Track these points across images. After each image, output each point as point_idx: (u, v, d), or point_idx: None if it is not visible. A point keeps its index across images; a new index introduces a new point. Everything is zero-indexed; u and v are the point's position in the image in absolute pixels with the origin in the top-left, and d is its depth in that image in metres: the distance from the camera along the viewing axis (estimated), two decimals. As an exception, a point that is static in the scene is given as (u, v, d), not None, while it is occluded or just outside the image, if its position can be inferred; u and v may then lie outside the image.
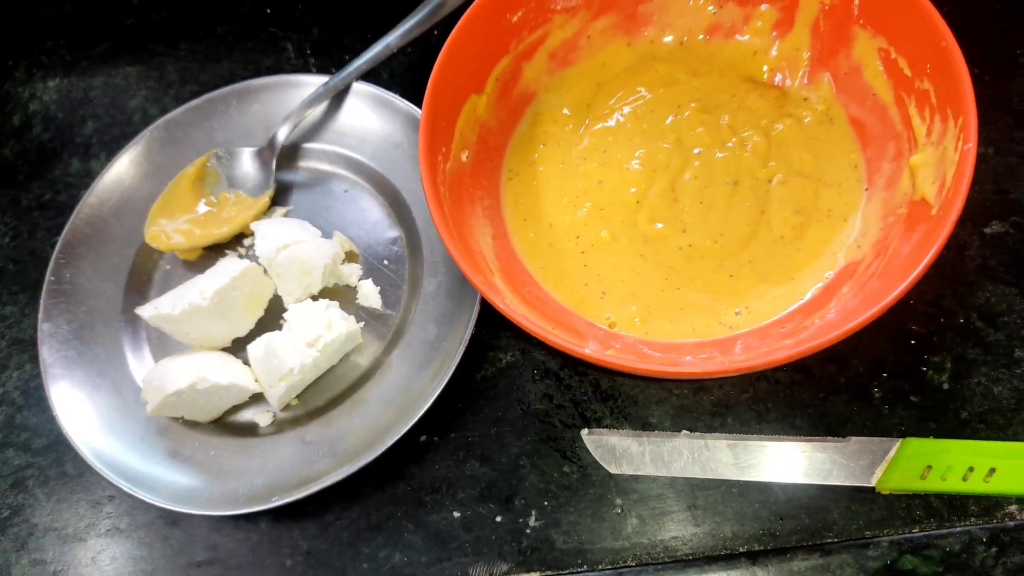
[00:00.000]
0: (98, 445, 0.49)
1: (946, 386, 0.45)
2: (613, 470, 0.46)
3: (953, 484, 0.41)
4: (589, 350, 0.39)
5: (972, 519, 0.42)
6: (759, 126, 0.50)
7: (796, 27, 0.51)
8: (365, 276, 0.53)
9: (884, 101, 0.47)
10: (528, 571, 0.45)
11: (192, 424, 0.50)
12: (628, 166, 0.50)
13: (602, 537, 0.45)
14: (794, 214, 0.48)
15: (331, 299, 0.52)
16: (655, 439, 0.46)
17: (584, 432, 0.47)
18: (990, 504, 0.42)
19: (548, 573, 0.45)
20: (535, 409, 0.49)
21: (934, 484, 0.41)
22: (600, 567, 0.44)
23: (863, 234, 0.46)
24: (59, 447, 0.52)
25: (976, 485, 0.41)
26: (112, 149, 0.61)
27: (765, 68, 0.52)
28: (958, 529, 0.42)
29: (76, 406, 0.51)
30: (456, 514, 0.47)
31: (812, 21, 0.50)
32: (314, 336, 0.47)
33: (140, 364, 0.53)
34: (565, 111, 0.53)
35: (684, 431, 0.46)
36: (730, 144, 0.50)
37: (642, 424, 0.47)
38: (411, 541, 0.47)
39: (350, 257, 0.54)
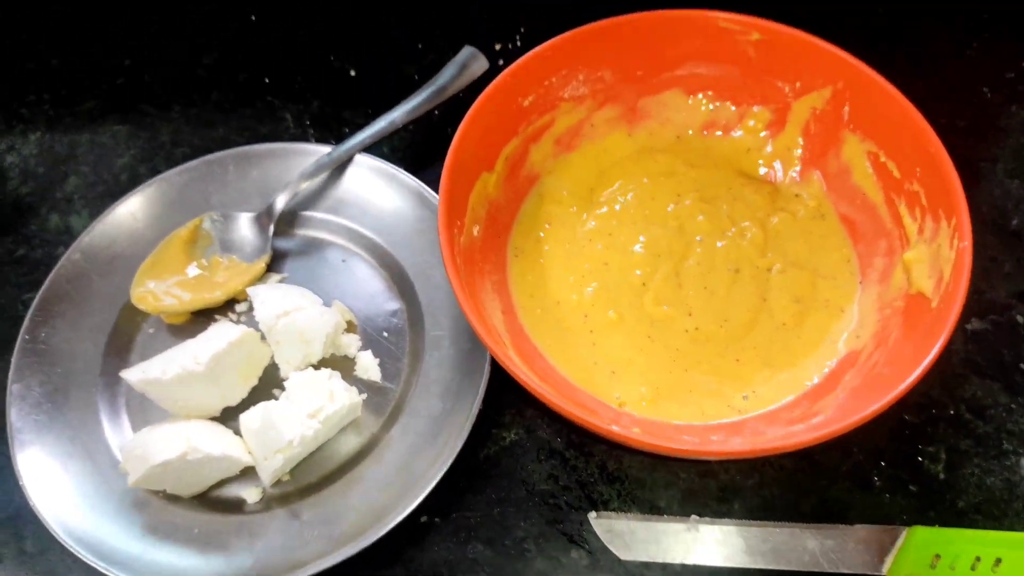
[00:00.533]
0: (69, 519, 0.45)
1: (942, 476, 0.47)
2: (624, 556, 0.45)
3: (962, 574, 0.42)
4: (617, 428, 0.39)
5: (976, 609, 0.43)
6: (756, 218, 0.53)
7: (788, 128, 0.54)
8: (364, 347, 0.52)
9: (873, 201, 0.50)
10: (534, 663, 0.43)
11: (173, 499, 0.47)
12: (633, 249, 0.52)
13: (612, 626, 0.44)
14: (793, 302, 0.49)
15: (329, 368, 0.50)
16: (666, 524, 0.46)
17: (592, 515, 0.46)
18: (992, 594, 0.43)
19: (555, 665, 0.43)
20: (540, 490, 0.48)
21: (943, 574, 0.42)
22: (610, 658, 0.43)
23: (861, 324, 0.48)
24: (18, 521, 0.48)
25: (984, 575, 0.41)
26: (96, 207, 0.59)
27: (760, 162, 0.55)
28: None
29: (45, 475, 0.47)
30: (457, 600, 0.45)
31: (803, 123, 0.54)
32: (315, 407, 0.45)
33: (117, 432, 0.50)
34: (566, 193, 0.54)
35: (693, 516, 0.46)
36: (730, 233, 0.52)
37: (650, 507, 0.47)
38: (408, 630, 0.44)
39: (348, 328, 0.53)
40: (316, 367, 0.50)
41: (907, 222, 0.48)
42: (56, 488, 0.46)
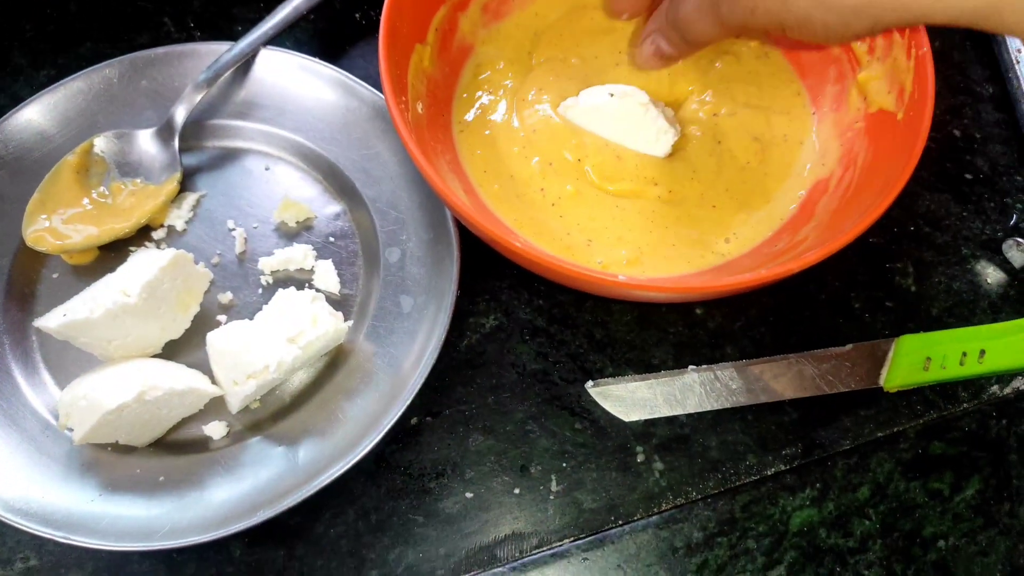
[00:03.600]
0: (5, 494, 0.39)
1: (913, 288, 0.48)
2: (627, 418, 0.44)
3: (953, 370, 0.43)
4: (623, 277, 0.37)
5: (964, 403, 0.45)
6: (698, 67, 0.51)
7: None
8: (321, 256, 0.47)
9: (812, 32, 0.50)
10: (560, 539, 0.41)
11: (127, 450, 0.42)
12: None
13: (631, 488, 0.42)
14: (752, 141, 0.48)
15: (283, 285, 0.45)
16: (663, 379, 0.45)
17: (589, 385, 0.45)
18: (976, 387, 0.45)
19: (582, 536, 0.41)
20: (531, 370, 0.45)
21: (936, 374, 0.43)
22: (636, 518, 0.42)
23: (823, 152, 0.47)
24: (-59, 510, 0.41)
25: (972, 367, 0.43)
26: (-46, 147, 0.50)
27: (694, 11, 0.53)
28: (971, 409, 0.44)
29: (-35, 453, 0.40)
30: (469, 495, 0.42)
31: (731, -36, 0.52)
32: (296, 331, 0.41)
33: (40, 391, 0.43)
34: (503, 62, 0.50)
35: (690, 366, 0.45)
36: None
37: (645, 367, 0.45)
38: (423, 534, 0.41)
39: (304, 225, 0.48)
40: (272, 284, 0.45)
41: (855, 45, 0.47)
42: (-17, 463, 0.40)
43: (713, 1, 0.37)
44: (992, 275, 0.48)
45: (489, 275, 0.48)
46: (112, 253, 0.47)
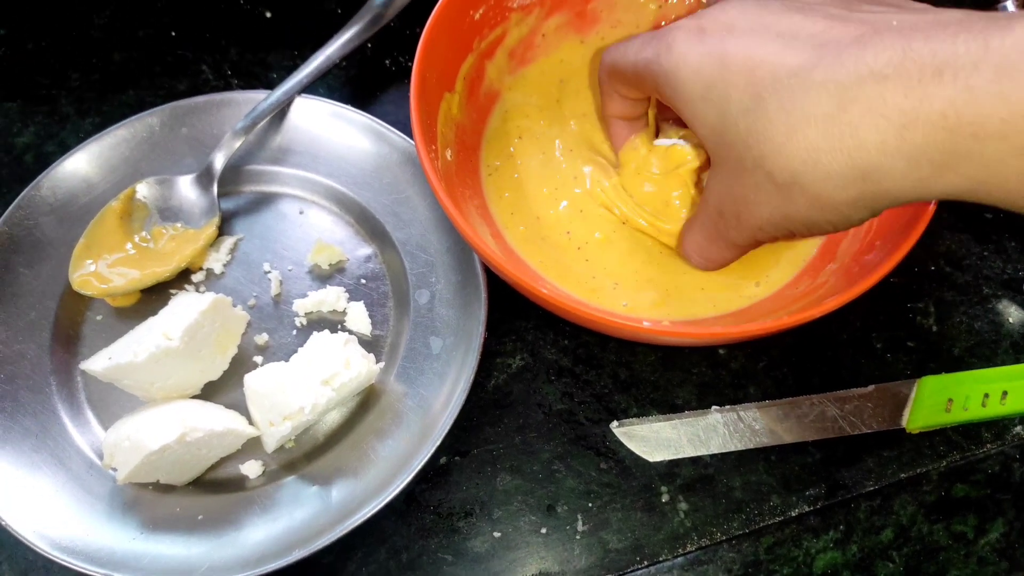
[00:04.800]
0: (52, 533, 0.41)
1: (934, 328, 0.48)
2: (652, 458, 0.45)
3: (975, 412, 0.43)
4: (648, 323, 0.38)
5: (987, 445, 0.45)
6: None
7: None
8: (353, 298, 0.48)
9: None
10: (587, 578, 0.42)
11: (167, 489, 0.43)
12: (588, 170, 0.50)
13: (656, 528, 0.43)
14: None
15: (317, 327, 0.47)
16: (687, 420, 0.45)
17: (614, 425, 0.46)
18: (1000, 428, 0.45)
19: (608, 576, 0.42)
20: (557, 410, 0.46)
21: (958, 415, 0.44)
22: (662, 559, 0.42)
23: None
24: (-9, 546, 0.42)
25: (995, 409, 0.43)
26: (5, 194, 0.52)
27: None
28: (994, 451, 0.44)
29: (13, 491, 0.42)
30: (496, 534, 0.43)
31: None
32: (330, 373, 0.42)
33: (85, 431, 0.45)
34: (531, 108, 0.52)
35: (713, 407, 0.46)
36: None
37: (669, 407, 0.46)
38: (452, 573, 0.42)
39: (336, 267, 0.50)
40: (306, 325, 0.46)
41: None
42: (29, 503, 0.41)
43: (720, 231, 0.39)
44: (1014, 315, 0.49)
45: (516, 315, 0.49)
46: (153, 295, 0.49)
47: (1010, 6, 0.55)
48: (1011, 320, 0.49)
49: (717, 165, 0.37)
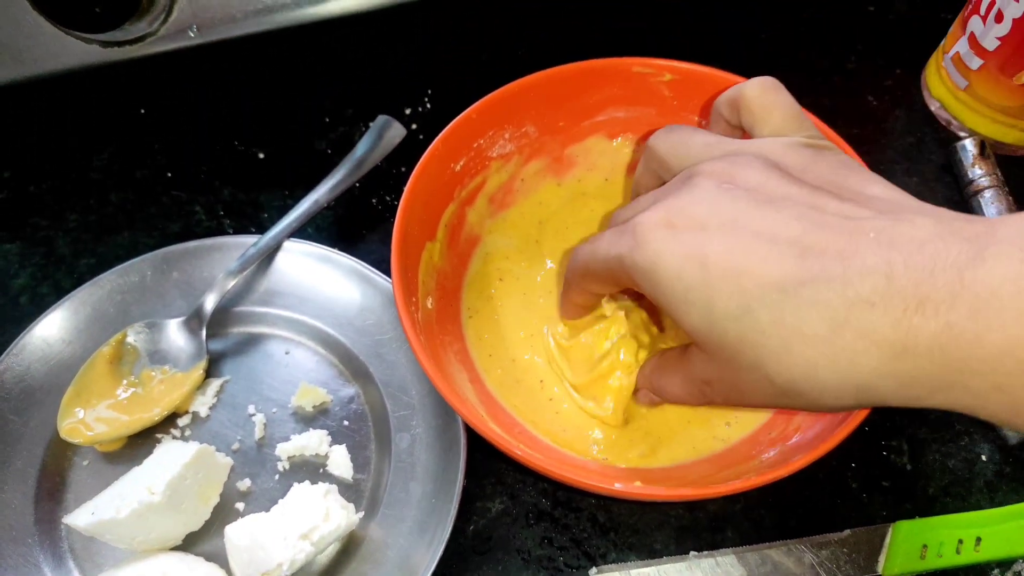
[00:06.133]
0: None
1: (908, 467, 0.49)
2: (631, 607, 0.45)
3: (949, 559, 0.44)
4: (620, 485, 0.39)
5: (966, 590, 0.45)
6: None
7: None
8: (336, 442, 0.49)
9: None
10: None
11: (146, 646, 0.43)
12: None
13: None
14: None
15: (299, 471, 0.47)
16: (665, 566, 0.46)
17: (592, 571, 0.46)
18: (977, 572, 0.46)
19: None
20: (536, 555, 0.47)
21: (933, 562, 0.44)
22: None
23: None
24: None
25: (969, 556, 0.44)
26: (-2, 337, 0.54)
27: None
28: (969, 601, 0.44)
29: (-9, 652, 0.42)
30: None
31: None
32: (309, 526, 0.42)
33: (66, 584, 0.45)
34: (514, 249, 0.54)
35: (692, 552, 0.46)
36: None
37: (648, 551, 0.47)
38: None
39: (320, 409, 0.51)
40: (289, 470, 0.47)
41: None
42: (9, 664, 0.41)
43: (704, 395, 0.38)
44: (987, 452, 0.50)
45: (495, 457, 0.50)
46: (139, 439, 0.50)
47: (968, 145, 0.58)
48: (983, 458, 0.49)
49: (704, 352, 0.36)
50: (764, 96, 0.41)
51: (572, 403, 0.48)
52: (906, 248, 0.30)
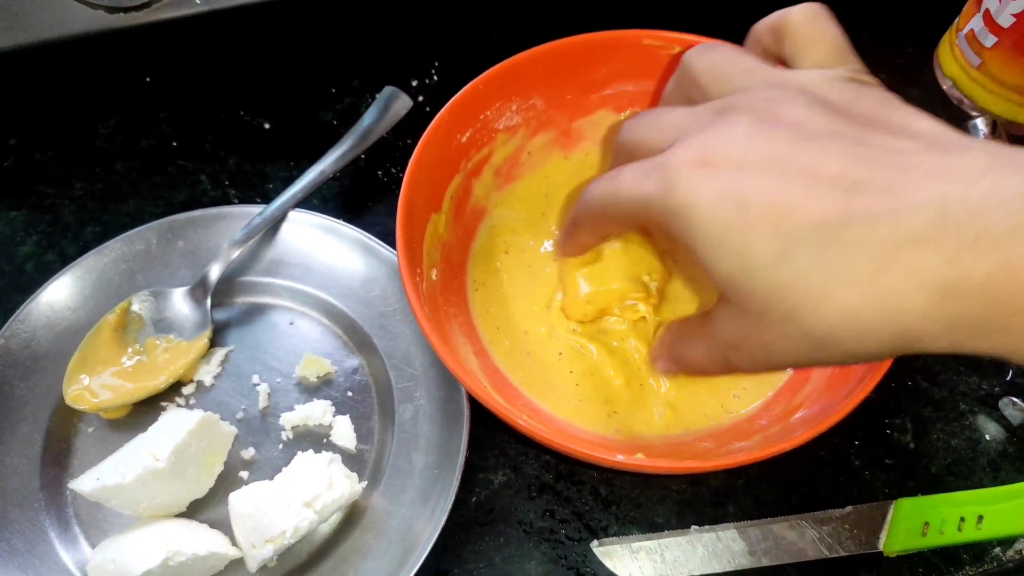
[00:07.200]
0: (34, 657, 0.41)
1: (912, 445, 0.49)
2: (632, 579, 0.45)
3: (951, 536, 0.44)
4: (622, 456, 0.39)
5: (966, 567, 0.45)
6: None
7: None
8: (339, 412, 0.49)
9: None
10: None
11: (150, 610, 0.43)
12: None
13: (635, 653, 0.43)
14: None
15: (303, 441, 0.48)
16: (666, 540, 0.46)
17: (594, 544, 0.46)
18: (978, 550, 0.46)
19: None
20: (538, 527, 0.47)
21: (935, 539, 0.44)
22: None
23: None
24: (-28, 669, 0.43)
25: (970, 533, 0.44)
26: (3, 304, 0.54)
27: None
28: (972, 573, 0.44)
29: (-2, 613, 0.42)
30: (476, 658, 0.43)
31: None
32: (312, 495, 0.43)
33: (72, 549, 0.45)
34: (520, 223, 0.54)
35: (693, 526, 0.46)
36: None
37: (649, 525, 0.47)
38: None
39: (324, 380, 0.51)
40: (292, 439, 0.47)
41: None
42: (15, 624, 0.42)
43: (728, 361, 0.36)
44: (991, 432, 0.49)
45: (499, 429, 0.50)
46: (144, 407, 0.50)
47: (980, 125, 0.57)
48: (987, 437, 0.49)
49: (731, 306, 0.34)
50: (811, 25, 0.38)
51: (586, 370, 0.48)
52: (961, 181, 0.28)
